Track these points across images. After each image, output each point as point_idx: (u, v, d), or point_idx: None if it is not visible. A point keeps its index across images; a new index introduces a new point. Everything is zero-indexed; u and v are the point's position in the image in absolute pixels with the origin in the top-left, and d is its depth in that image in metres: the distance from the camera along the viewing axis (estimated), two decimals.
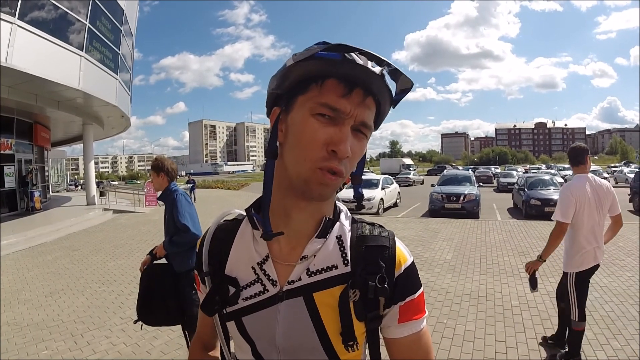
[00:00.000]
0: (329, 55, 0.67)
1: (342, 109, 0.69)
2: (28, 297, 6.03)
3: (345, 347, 0.79)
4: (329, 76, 0.70)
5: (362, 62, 0.68)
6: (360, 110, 0.71)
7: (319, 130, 0.70)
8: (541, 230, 10.47)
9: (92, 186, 19.26)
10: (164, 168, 3.47)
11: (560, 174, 32.70)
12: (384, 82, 0.71)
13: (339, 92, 0.69)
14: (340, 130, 0.70)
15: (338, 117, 0.70)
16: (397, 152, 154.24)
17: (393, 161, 59.84)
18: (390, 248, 0.83)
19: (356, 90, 0.70)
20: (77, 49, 12.58)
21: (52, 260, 8.46)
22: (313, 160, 0.70)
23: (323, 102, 0.70)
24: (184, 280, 3.30)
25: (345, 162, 0.72)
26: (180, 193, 3.44)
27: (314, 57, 0.68)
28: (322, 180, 0.71)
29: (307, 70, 0.70)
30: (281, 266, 0.81)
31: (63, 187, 40.71)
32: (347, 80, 0.69)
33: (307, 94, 0.72)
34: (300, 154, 0.72)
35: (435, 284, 5.97)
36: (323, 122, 0.70)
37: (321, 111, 0.70)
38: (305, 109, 0.71)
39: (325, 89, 0.70)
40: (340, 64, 0.68)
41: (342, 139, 0.69)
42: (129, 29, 18.25)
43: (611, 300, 5.14)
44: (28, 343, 4.39)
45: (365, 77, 0.69)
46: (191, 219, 3.28)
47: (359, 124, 0.72)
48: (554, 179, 16.62)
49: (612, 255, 7.37)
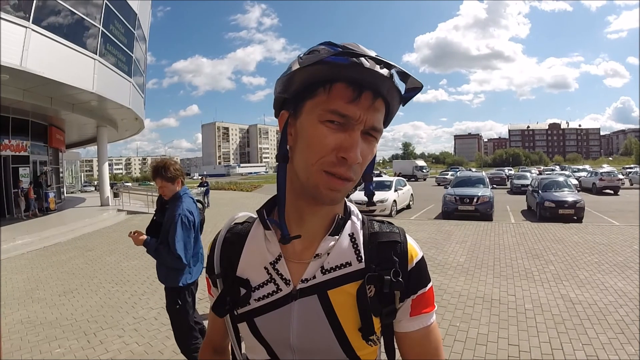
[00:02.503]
0: (337, 59, 0.66)
1: (351, 115, 0.68)
2: (42, 295, 6.11)
3: (366, 341, 0.79)
4: (336, 80, 0.69)
5: (370, 66, 0.66)
6: (369, 115, 0.70)
7: (328, 137, 0.69)
8: (555, 232, 10.31)
9: (106, 187, 19.52)
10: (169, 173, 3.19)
11: (575, 175, 32.21)
12: (393, 83, 0.70)
13: (348, 97, 0.68)
14: (350, 136, 0.69)
15: (347, 123, 0.69)
16: (410, 153, 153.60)
17: (406, 163, 59.62)
18: (402, 243, 0.84)
19: (365, 94, 0.68)
20: (91, 53, 12.76)
21: (66, 260, 8.57)
22: (322, 164, 0.70)
23: (332, 108, 0.68)
24: (169, 296, 3.21)
25: (355, 167, 0.71)
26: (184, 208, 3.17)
27: (322, 62, 0.67)
28: (332, 186, 0.71)
29: (314, 75, 0.69)
30: (294, 265, 0.81)
31: (77, 189, 41.19)
32: (356, 84, 0.68)
33: (315, 98, 0.71)
34: (310, 158, 0.71)
35: (449, 286, 5.91)
36: (332, 128, 0.69)
37: (330, 118, 0.69)
38: (314, 116, 0.71)
39: (334, 94, 0.69)
40: (348, 68, 0.66)
41: (353, 145, 0.69)
42: (142, 33, 18.47)
43: (626, 304, 5.03)
44: (41, 341, 4.44)
45: (374, 79, 0.68)
46: (185, 249, 3.08)
47: (369, 129, 0.71)
48: (568, 181, 16.39)
49: (627, 259, 7.26)
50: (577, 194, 14.48)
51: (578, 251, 8.06)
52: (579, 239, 9.32)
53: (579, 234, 10.00)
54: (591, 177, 27.22)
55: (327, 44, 0.70)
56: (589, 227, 11.39)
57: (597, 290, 5.56)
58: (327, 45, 0.70)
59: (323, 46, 0.70)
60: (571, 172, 36.50)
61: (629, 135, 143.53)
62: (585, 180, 27.80)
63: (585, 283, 5.91)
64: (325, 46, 0.70)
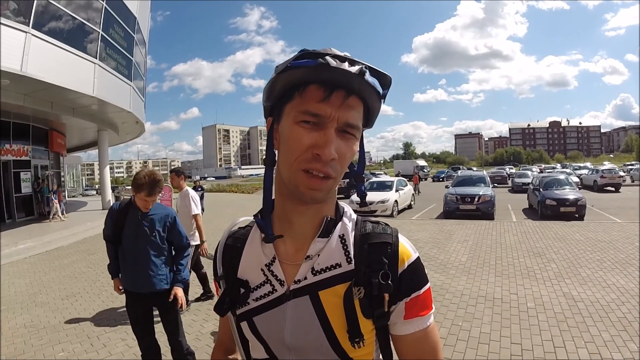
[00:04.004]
0: (304, 63, 0.69)
1: (322, 113, 0.71)
2: (45, 299, 6.12)
3: (352, 343, 0.79)
4: (309, 82, 0.72)
5: (336, 64, 0.69)
6: (342, 112, 0.72)
7: (304, 136, 0.72)
8: (557, 231, 10.31)
9: (108, 191, 19.53)
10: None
11: (576, 173, 32.20)
12: (364, 80, 0.71)
13: (319, 96, 0.71)
14: (324, 134, 0.71)
15: (321, 121, 0.72)
16: (411, 153, 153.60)
17: (407, 163, 59.70)
18: (392, 244, 0.83)
19: (336, 93, 0.71)
20: (91, 57, 12.79)
21: (69, 264, 8.59)
22: (300, 163, 0.73)
23: (304, 109, 0.72)
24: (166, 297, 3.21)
25: (333, 164, 0.73)
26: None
27: (290, 67, 0.70)
28: (311, 185, 0.73)
29: (288, 80, 0.73)
30: (288, 266, 0.83)
31: (79, 192, 41.17)
32: (327, 84, 0.71)
33: (292, 102, 0.75)
34: (289, 158, 0.74)
35: (451, 286, 5.90)
36: (307, 128, 0.72)
37: (304, 118, 0.72)
38: (291, 118, 0.74)
39: (306, 95, 0.72)
40: (316, 69, 0.69)
41: (326, 143, 0.71)
42: (141, 36, 18.52)
43: (628, 301, 5.04)
44: (45, 345, 4.46)
45: (343, 78, 0.70)
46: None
47: (344, 125, 0.73)
48: (569, 179, 16.39)
49: (628, 256, 7.26)
50: (578, 192, 14.48)
51: (580, 249, 8.07)
52: (581, 237, 9.33)
53: (580, 232, 10.01)
54: (592, 175, 27.22)
55: (302, 51, 0.72)
56: (591, 224, 11.40)
57: (599, 288, 5.57)
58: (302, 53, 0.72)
59: (299, 54, 0.72)
60: (572, 170, 36.47)
61: (630, 132, 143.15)
62: (587, 177, 27.79)
63: (587, 281, 5.92)
64: (300, 54, 0.72)
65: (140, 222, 3.18)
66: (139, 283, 3.17)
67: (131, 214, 3.22)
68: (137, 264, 3.15)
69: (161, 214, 3.27)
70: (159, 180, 3.12)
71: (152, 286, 3.17)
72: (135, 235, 3.17)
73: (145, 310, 3.27)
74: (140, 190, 3.04)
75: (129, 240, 3.18)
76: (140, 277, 3.16)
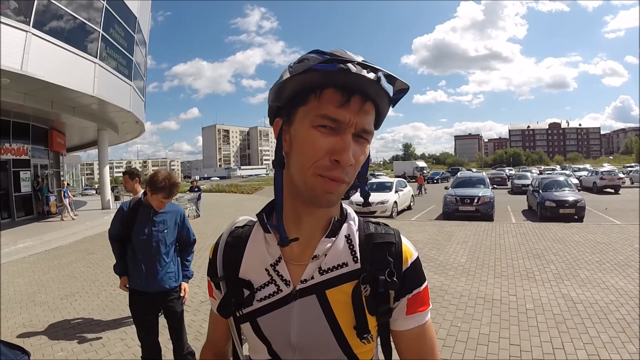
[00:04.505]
0: (325, 67, 0.69)
1: (341, 119, 0.71)
2: (44, 299, 6.12)
3: (360, 339, 0.82)
4: (326, 86, 0.71)
5: (356, 71, 0.69)
6: (360, 118, 0.72)
7: (321, 141, 0.72)
8: (556, 232, 10.31)
9: (107, 191, 19.52)
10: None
11: (575, 174, 32.21)
12: (380, 86, 0.72)
13: (337, 101, 0.71)
14: (342, 139, 0.72)
15: (339, 127, 0.72)
16: (410, 154, 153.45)
17: (407, 164, 59.78)
18: (396, 244, 0.86)
19: (354, 98, 0.71)
20: (91, 57, 12.77)
21: (68, 263, 8.56)
22: (316, 168, 0.73)
23: (323, 113, 0.71)
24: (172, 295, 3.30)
25: (348, 169, 0.73)
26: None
27: (310, 70, 0.69)
28: (327, 189, 0.74)
29: (304, 82, 0.72)
30: (294, 266, 0.84)
31: (78, 192, 41.17)
32: (345, 89, 0.70)
33: (307, 105, 0.73)
34: (304, 163, 0.74)
35: (450, 287, 5.90)
36: (325, 132, 0.72)
37: (322, 123, 0.72)
38: (307, 122, 0.73)
39: (324, 99, 0.72)
40: (336, 74, 0.69)
41: (345, 148, 0.71)
42: (142, 36, 18.49)
43: (627, 302, 5.04)
44: (44, 344, 4.45)
45: (361, 83, 0.70)
46: None
47: (360, 131, 0.74)
48: (568, 180, 16.40)
49: (627, 258, 7.26)
50: (577, 193, 14.47)
51: (579, 250, 8.07)
52: (580, 239, 9.33)
53: (579, 234, 10.01)
54: (592, 177, 27.24)
55: (315, 52, 0.73)
56: (590, 226, 11.40)
57: (598, 290, 5.57)
58: (315, 54, 0.72)
59: (312, 54, 0.72)
60: (572, 172, 36.49)
61: (629, 134, 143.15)
62: (586, 179, 27.80)
63: (586, 282, 5.92)
64: (314, 54, 0.72)
65: (152, 220, 3.23)
66: (150, 282, 3.20)
67: (142, 212, 3.26)
68: (148, 262, 3.19)
69: (172, 211, 3.33)
70: (177, 184, 3.20)
71: (162, 284, 3.21)
72: (147, 233, 3.21)
73: (152, 310, 3.29)
74: (159, 192, 3.08)
75: (140, 238, 3.22)
76: (150, 275, 3.20)
